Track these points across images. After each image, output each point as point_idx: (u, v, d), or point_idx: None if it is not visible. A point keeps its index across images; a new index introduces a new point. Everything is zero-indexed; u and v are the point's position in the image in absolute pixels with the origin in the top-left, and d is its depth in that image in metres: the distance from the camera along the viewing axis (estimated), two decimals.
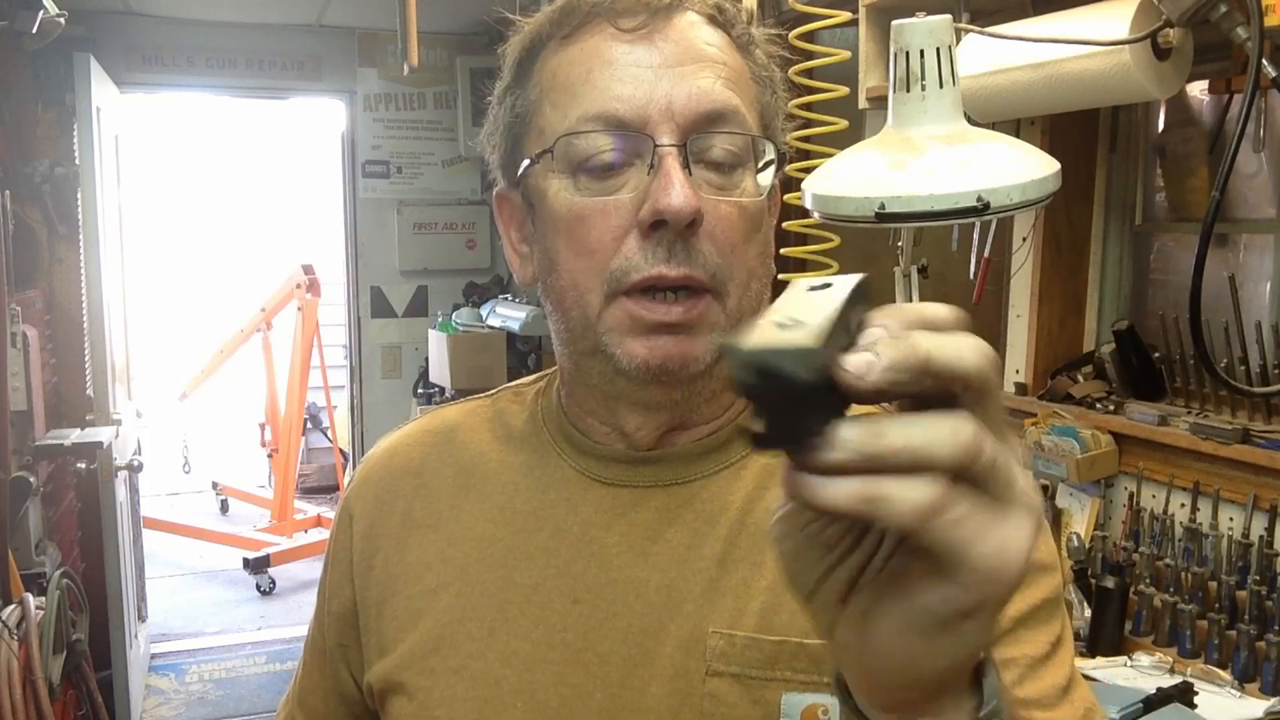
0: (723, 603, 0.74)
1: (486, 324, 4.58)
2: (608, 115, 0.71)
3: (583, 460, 0.80)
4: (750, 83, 0.76)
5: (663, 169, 0.70)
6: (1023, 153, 1.44)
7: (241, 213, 7.67)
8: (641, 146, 0.71)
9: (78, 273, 3.60)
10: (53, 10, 2.89)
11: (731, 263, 0.72)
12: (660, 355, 0.72)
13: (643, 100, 0.71)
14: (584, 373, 0.78)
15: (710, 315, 0.72)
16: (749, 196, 0.74)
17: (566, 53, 0.74)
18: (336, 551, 0.88)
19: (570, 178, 0.73)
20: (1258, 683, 1.76)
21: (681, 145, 0.70)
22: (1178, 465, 2.03)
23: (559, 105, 0.73)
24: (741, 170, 0.73)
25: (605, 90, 0.71)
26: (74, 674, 2.66)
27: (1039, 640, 0.70)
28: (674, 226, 0.69)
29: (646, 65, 0.71)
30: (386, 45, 4.60)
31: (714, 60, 0.73)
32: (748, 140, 0.74)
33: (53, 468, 3.31)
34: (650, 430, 0.78)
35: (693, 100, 0.71)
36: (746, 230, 0.73)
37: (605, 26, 0.73)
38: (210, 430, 6.89)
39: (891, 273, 2.02)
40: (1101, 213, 2.35)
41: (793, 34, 2.19)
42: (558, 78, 0.74)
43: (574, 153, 0.72)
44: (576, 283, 0.73)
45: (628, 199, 0.71)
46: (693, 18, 0.74)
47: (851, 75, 2.19)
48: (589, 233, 0.72)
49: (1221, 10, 1.49)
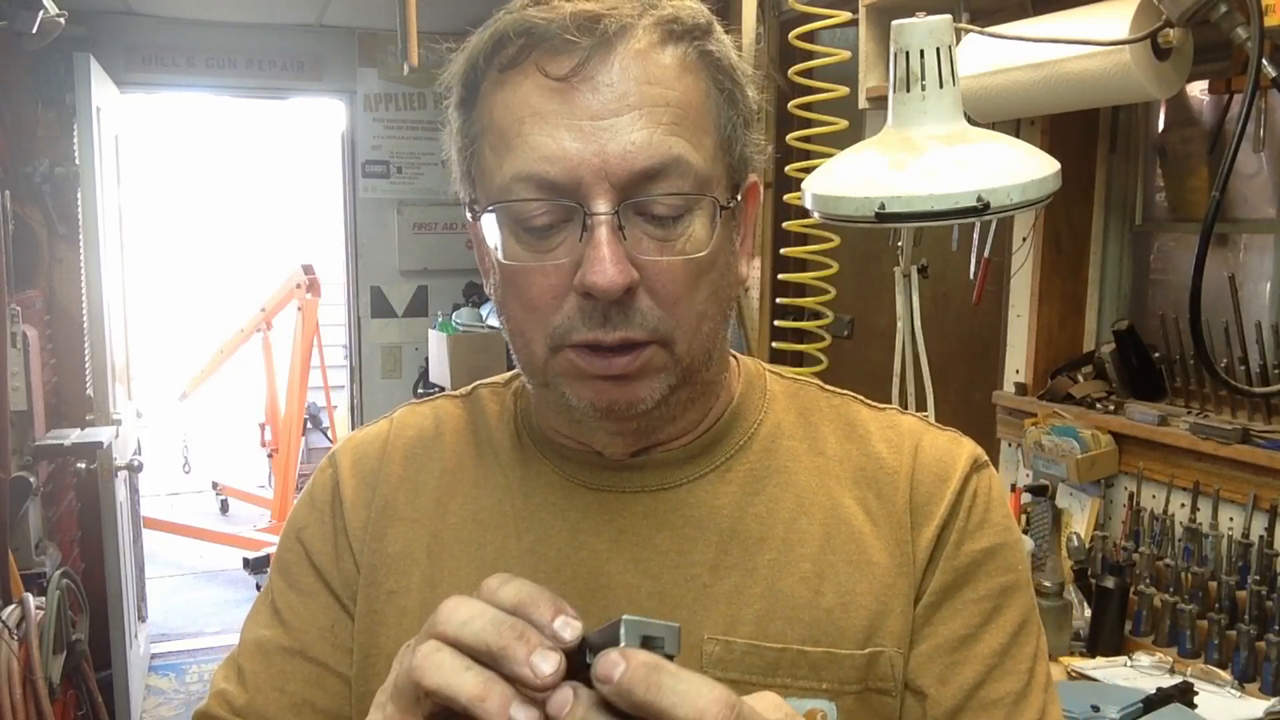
0: (716, 609, 0.75)
1: (486, 324, 4.58)
2: (538, 177, 0.68)
3: (566, 465, 0.80)
4: (705, 111, 0.71)
5: (593, 241, 0.67)
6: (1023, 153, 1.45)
7: (241, 213, 7.67)
8: (574, 213, 0.68)
9: (78, 273, 3.60)
10: (53, 10, 2.89)
11: (676, 314, 0.70)
12: (606, 400, 0.71)
13: (574, 161, 0.67)
14: (544, 401, 0.78)
15: (655, 361, 0.71)
16: (695, 245, 0.70)
17: (501, 94, 0.71)
18: (326, 524, 0.84)
19: (512, 233, 0.71)
20: (1258, 683, 1.76)
21: (615, 211, 0.67)
22: (1178, 465, 2.03)
23: (496, 152, 0.71)
24: (688, 218, 0.70)
25: (536, 149, 0.68)
26: (74, 674, 2.66)
27: (1020, 671, 0.76)
28: (605, 299, 0.68)
29: (581, 117, 0.67)
30: (386, 45, 4.60)
31: (655, 103, 0.68)
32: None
33: (53, 468, 3.31)
34: (620, 449, 0.78)
35: (628, 159, 0.67)
36: (692, 279, 0.70)
37: (534, 72, 0.68)
38: (210, 430, 6.89)
39: (891, 273, 2.02)
40: (1101, 213, 2.35)
41: (793, 34, 2.20)
42: (494, 120, 0.71)
43: (510, 212, 0.70)
44: (522, 330, 0.73)
45: (565, 262, 0.69)
46: (639, 44, 0.69)
47: (851, 75, 2.19)
48: (530, 289, 0.71)
49: (1221, 10, 1.50)
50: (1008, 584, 0.77)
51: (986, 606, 0.76)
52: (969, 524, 0.77)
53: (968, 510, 0.77)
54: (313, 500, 0.86)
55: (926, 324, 2.00)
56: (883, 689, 0.74)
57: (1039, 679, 0.77)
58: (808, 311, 2.34)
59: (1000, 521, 0.78)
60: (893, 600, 0.75)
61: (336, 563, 0.82)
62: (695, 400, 0.77)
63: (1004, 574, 0.77)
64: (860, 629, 0.74)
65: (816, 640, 0.74)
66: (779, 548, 0.76)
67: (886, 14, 1.82)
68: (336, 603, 0.82)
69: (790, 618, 0.74)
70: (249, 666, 0.83)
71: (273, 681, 0.81)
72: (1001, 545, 0.77)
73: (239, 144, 7.57)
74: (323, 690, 0.81)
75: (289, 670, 0.81)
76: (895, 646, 0.75)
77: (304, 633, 0.82)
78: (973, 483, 0.78)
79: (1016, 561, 0.78)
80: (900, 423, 0.82)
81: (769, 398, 0.83)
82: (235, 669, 0.83)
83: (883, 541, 0.77)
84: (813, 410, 0.83)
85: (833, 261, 2.22)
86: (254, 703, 0.81)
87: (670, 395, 0.72)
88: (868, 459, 0.80)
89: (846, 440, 0.81)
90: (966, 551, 0.76)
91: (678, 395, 0.73)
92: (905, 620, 0.75)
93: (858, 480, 0.79)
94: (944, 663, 0.75)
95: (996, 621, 0.76)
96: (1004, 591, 0.76)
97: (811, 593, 0.75)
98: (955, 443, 0.81)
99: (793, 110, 2.19)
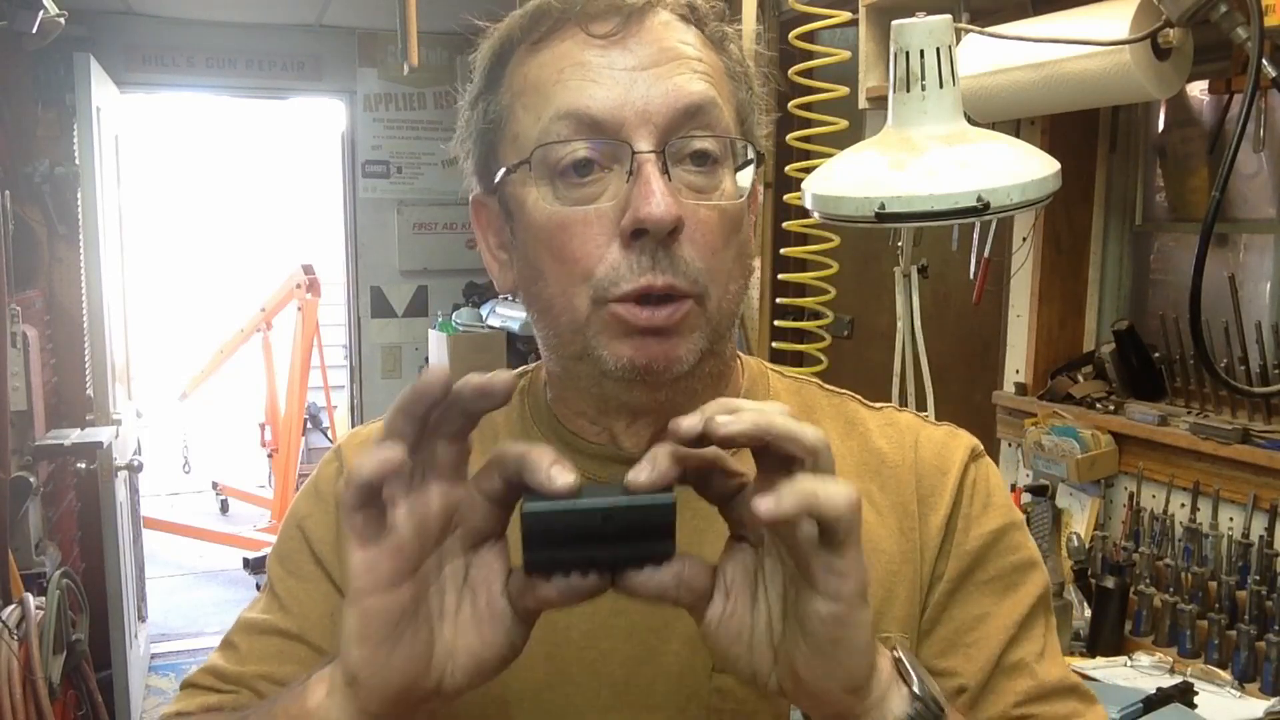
0: None
1: (486, 324, 4.58)
2: (580, 113, 0.70)
3: (577, 459, 0.79)
4: (726, 79, 0.76)
5: (641, 176, 0.69)
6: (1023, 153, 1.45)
7: (242, 213, 7.67)
8: (619, 153, 0.70)
9: (78, 273, 3.60)
10: (53, 10, 2.89)
11: (713, 266, 0.72)
12: (646, 356, 0.71)
13: (618, 102, 0.70)
14: (573, 376, 0.78)
15: (693, 318, 0.72)
16: (729, 198, 0.73)
17: (537, 57, 0.73)
18: (329, 515, 0.83)
19: (549, 185, 0.71)
20: (1258, 683, 1.76)
21: (660, 151, 0.69)
22: (1178, 465, 2.03)
23: (531, 107, 0.72)
24: (721, 170, 0.73)
25: (578, 90, 0.70)
26: (74, 674, 2.66)
27: (1037, 636, 0.79)
28: (655, 235, 0.68)
29: (621, 68, 0.71)
30: (386, 45, 4.60)
31: (689, 57, 0.72)
32: (726, 140, 0.73)
33: (53, 468, 3.31)
34: (640, 433, 0.78)
35: (670, 98, 0.70)
36: (727, 233, 0.73)
37: (577, 32, 0.72)
38: (210, 430, 6.88)
39: (891, 273, 2.02)
40: (1101, 213, 2.35)
41: (793, 34, 2.19)
42: (529, 80, 0.73)
43: (550, 157, 0.71)
44: (563, 290, 0.73)
45: (608, 207, 0.70)
46: (665, 17, 0.73)
47: (851, 75, 2.19)
48: (571, 241, 0.71)
49: (1221, 10, 1.50)
50: (1018, 562, 0.79)
51: (999, 586, 0.78)
52: (973, 510, 0.80)
53: (970, 498, 0.80)
54: (317, 491, 0.86)
55: (926, 324, 2.00)
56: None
57: (1054, 645, 0.80)
58: (808, 311, 2.34)
59: (1002, 504, 0.81)
60: (898, 586, 0.77)
61: (338, 553, 0.82)
62: (710, 386, 0.78)
63: (1012, 553, 0.79)
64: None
65: None
66: None
67: (886, 14, 1.82)
68: (336, 591, 0.82)
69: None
70: (243, 643, 0.82)
71: (269, 657, 0.81)
72: (1007, 526, 0.80)
73: (239, 144, 7.56)
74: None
75: (286, 651, 0.81)
76: (900, 631, 0.76)
77: (303, 617, 0.82)
78: (972, 471, 0.81)
79: (1024, 540, 0.81)
80: (898, 419, 0.84)
81: (773, 394, 0.85)
82: (228, 645, 0.83)
83: (887, 530, 0.79)
84: (814, 408, 0.85)
85: (833, 261, 2.21)
86: (244, 675, 0.81)
87: (701, 363, 0.73)
88: (869, 454, 0.82)
89: (847, 437, 0.83)
90: (974, 536, 0.79)
91: (705, 366, 0.74)
92: (910, 606, 0.77)
93: (860, 473, 0.81)
94: (967, 641, 0.77)
95: (1010, 598, 0.78)
96: (1015, 569, 0.79)
97: None
98: (952, 435, 0.84)
99: (793, 110, 2.18)
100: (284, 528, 0.87)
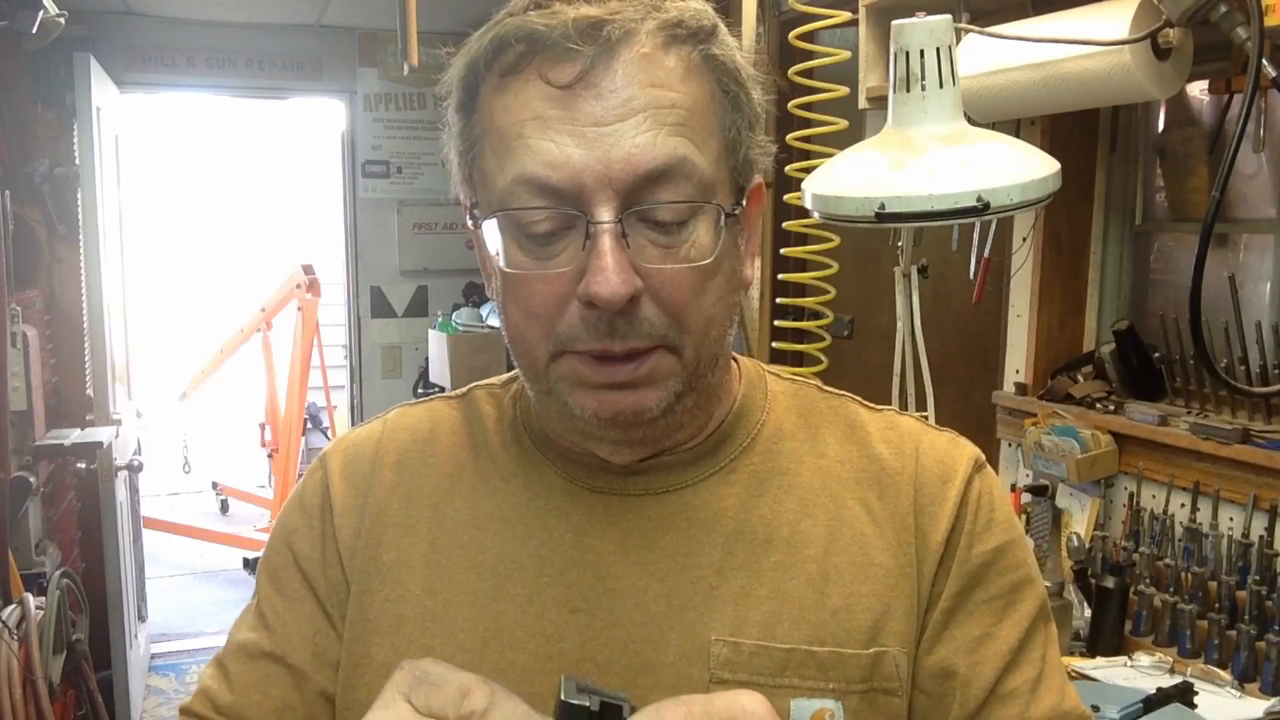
0: (723, 610, 0.74)
1: (486, 324, 4.58)
2: (539, 181, 0.67)
3: (569, 468, 0.79)
4: (709, 114, 0.70)
5: (596, 249, 0.66)
6: (1023, 153, 1.45)
7: (241, 213, 7.67)
8: (577, 221, 0.67)
9: (78, 273, 3.60)
10: (53, 10, 2.89)
11: (682, 320, 0.69)
12: (611, 409, 0.70)
13: (577, 167, 0.66)
14: (545, 408, 0.78)
15: (662, 367, 0.70)
16: (700, 252, 0.69)
17: (502, 98, 0.70)
18: (315, 530, 0.83)
19: (514, 239, 0.70)
20: (1258, 683, 1.76)
21: (618, 220, 0.66)
22: (1178, 465, 2.03)
23: (496, 155, 0.70)
24: (692, 224, 0.69)
25: (537, 153, 0.67)
26: (74, 674, 2.66)
27: (1034, 659, 0.77)
28: (608, 310, 0.67)
29: (584, 123, 0.66)
30: (386, 45, 4.60)
31: (659, 105, 0.67)
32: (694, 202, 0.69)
33: (53, 468, 3.31)
34: (622, 454, 0.77)
35: (631, 163, 0.66)
36: (698, 284, 0.70)
37: (536, 79, 0.67)
38: (210, 430, 6.88)
39: (891, 273, 2.02)
40: (1101, 213, 2.35)
41: (793, 34, 2.20)
42: (495, 123, 0.70)
43: (512, 219, 0.69)
44: (524, 336, 0.72)
45: (567, 270, 0.68)
46: (643, 48, 0.68)
47: (851, 75, 2.19)
48: (533, 297, 0.70)
49: (1221, 10, 1.50)
50: (1018, 580, 0.78)
51: (999, 605, 0.77)
52: (976, 526, 0.78)
53: (974, 513, 0.78)
54: (302, 504, 0.85)
55: (926, 324, 2.00)
56: (888, 689, 0.75)
57: (1052, 662, 0.78)
58: (808, 311, 2.34)
59: (1005, 520, 0.80)
60: (896, 601, 0.76)
61: (324, 570, 0.82)
62: (700, 406, 0.77)
63: (1013, 571, 0.78)
64: (864, 629, 0.75)
65: (823, 640, 0.74)
66: (784, 549, 0.76)
67: (886, 14, 1.82)
68: (321, 610, 0.82)
69: (797, 619, 0.74)
70: (234, 668, 0.82)
71: (256, 685, 0.81)
72: (1009, 543, 0.79)
73: (239, 144, 7.56)
74: (302, 697, 0.80)
75: (272, 675, 0.81)
76: (899, 646, 0.75)
77: (286, 639, 0.81)
78: (975, 484, 0.79)
79: (1025, 557, 0.80)
80: (899, 424, 0.83)
81: (770, 398, 0.83)
82: (221, 670, 0.83)
83: (885, 543, 0.77)
84: (813, 412, 0.83)
85: (833, 261, 2.22)
86: (238, 705, 0.81)
87: (677, 403, 0.72)
88: (869, 460, 0.80)
89: (847, 441, 0.81)
90: (977, 554, 0.77)
91: (684, 402, 0.73)
92: (908, 620, 0.76)
93: (860, 481, 0.79)
94: (965, 663, 0.76)
95: (1010, 618, 0.77)
96: (1015, 588, 0.78)
97: (817, 594, 0.75)
98: (954, 444, 0.82)
99: (793, 110, 2.18)
100: (272, 539, 0.86)
